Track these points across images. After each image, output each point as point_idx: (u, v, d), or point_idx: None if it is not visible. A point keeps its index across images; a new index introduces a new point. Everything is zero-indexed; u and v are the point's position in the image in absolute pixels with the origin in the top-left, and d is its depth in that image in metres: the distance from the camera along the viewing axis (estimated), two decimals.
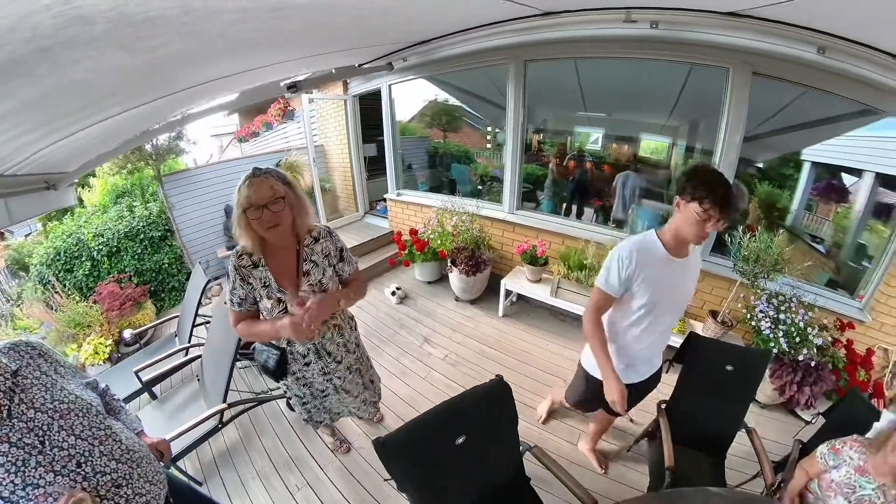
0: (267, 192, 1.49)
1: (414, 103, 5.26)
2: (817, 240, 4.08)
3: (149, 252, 5.00)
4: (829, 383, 3.07)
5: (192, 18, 1.34)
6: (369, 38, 3.01)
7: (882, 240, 3.48)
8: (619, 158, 4.41)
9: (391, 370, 3.36)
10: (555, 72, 3.75)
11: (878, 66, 2.59)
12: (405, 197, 5.20)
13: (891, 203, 3.44)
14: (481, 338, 3.84)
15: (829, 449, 1.72)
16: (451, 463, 1.57)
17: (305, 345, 1.82)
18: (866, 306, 3.48)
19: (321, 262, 1.73)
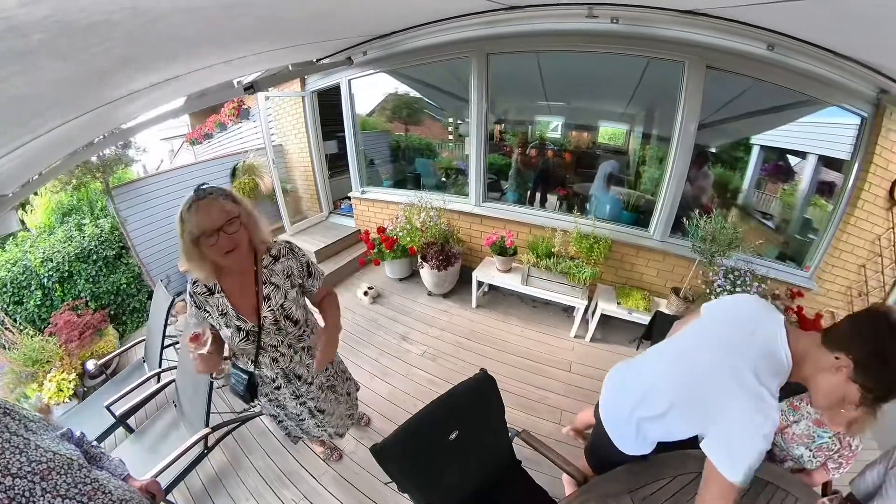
0: (219, 215, 1.35)
1: (374, 97, 5.14)
2: (767, 216, 4.35)
3: (104, 273, 4.61)
4: None
5: (140, 22, 1.26)
6: (327, 32, 2.93)
7: (825, 213, 3.77)
8: (578, 146, 4.51)
9: (372, 371, 3.35)
10: (516, 63, 3.77)
11: (821, 62, 2.84)
12: (370, 195, 5.11)
13: (832, 181, 3.73)
14: (458, 330, 3.88)
15: (788, 405, 1.92)
16: (447, 458, 1.63)
17: (273, 369, 1.73)
18: (813, 275, 3.79)
19: (283, 284, 1.62)
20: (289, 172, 6.21)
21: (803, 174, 4.07)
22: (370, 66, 4.19)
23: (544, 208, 4.50)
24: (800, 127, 3.82)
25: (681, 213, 3.71)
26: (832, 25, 2.22)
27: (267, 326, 1.59)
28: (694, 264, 3.50)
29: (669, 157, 3.56)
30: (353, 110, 4.72)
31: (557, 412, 2.98)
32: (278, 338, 1.66)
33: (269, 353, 1.67)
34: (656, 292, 3.87)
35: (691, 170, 3.79)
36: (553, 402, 3.07)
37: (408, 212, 4.23)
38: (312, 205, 6.21)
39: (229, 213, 1.38)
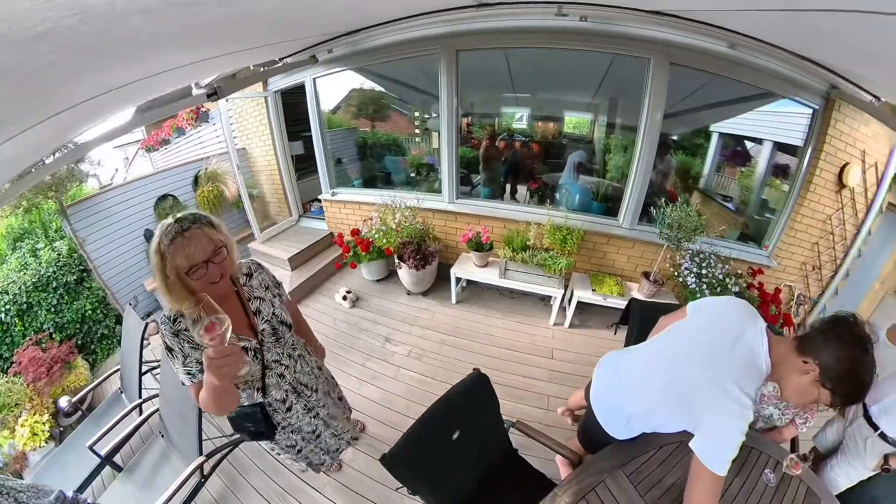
0: (207, 244, 1.27)
1: (338, 93, 5.03)
2: (727, 199, 4.63)
3: (66, 301, 4.26)
4: None
5: (93, 27, 1.17)
6: (292, 29, 2.84)
7: (782, 194, 4.06)
8: (545, 136, 4.59)
9: (360, 377, 3.33)
10: (485, 58, 3.79)
11: (778, 60, 3.06)
12: (341, 195, 5.03)
13: (787, 164, 4.03)
14: (440, 327, 3.91)
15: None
16: (451, 457, 1.72)
17: (282, 388, 1.69)
18: (771, 254, 4.06)
19: (266, 296, 1.61)
20: (254, 177, 6.03)
21: (760, 158, 4.35)
22: (336, 64, 4.12)
23: (516, 201, 4.58)
24: (756, 116, 4.08)
25: (648, 200, 3.87)
26: (790, 29, 2.34)
27: (266, 339, 1.57)
28: (662, 249, 3.68)
29: (636, 147, 3.70)
30: (319, 109, 4.63)
31: (545, 398, 3.12)
32: (278, 350, 1.63)
33: (275, 370, 1.63)
34: (628, 277, 4.05)
35: (655, 158, 3.93)
36: (539, 389, 3.20)
37: (382, 212, 4.20)
38: (281, 209, 6.05)
39: (217, 241, 1.31)
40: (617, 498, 1.67)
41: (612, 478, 1.72)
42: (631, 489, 1.71)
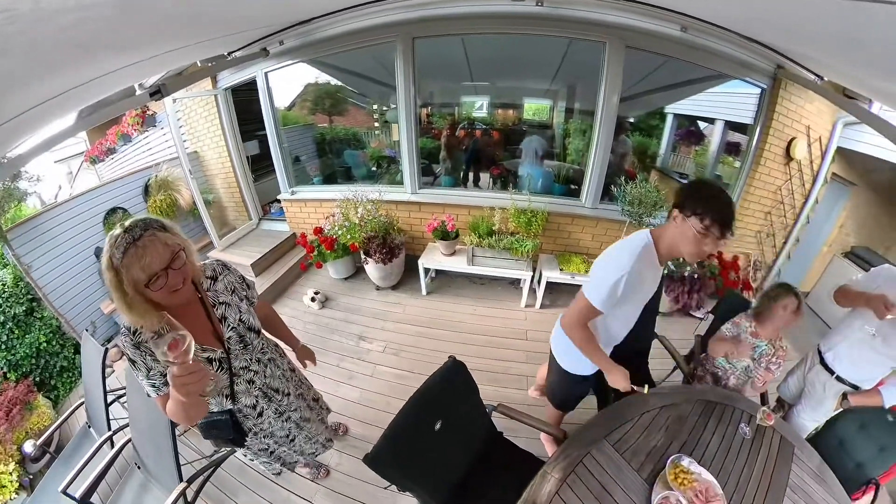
0: (164, 251, 1.16)
1: (293, 88, 4.82)
2: (683, 175, 4.82)
3: (17, 336, 3.84)
4: (709, 287, 3.85)
5: (18, 27, 1.04)
6: (240, 21, 2.71)
7: (733, 170, 4.33)
8: (505, 123, 4.60)
9: (337, 378, 3.23)
10: (442, 46, 3.75)
11: (728, 42, 3.21)
12: (301, 194, 4.87)
13: (738, 142, 4.30)
14: (413, 320, 3.86)
15: (731, 324, 2.38)
16: (436, 448, 1.69)
17: (252, 394, 1.60)
18: None
19: (232, 301, 1.51)
20: (209, 181, 5.73)
21: (713, 137, 4.61)
22: (288, 57, 3.97)
23: (479, 188, 4.57)
24: (708, 97, 4.30)
25: (608, 180, 3.96)
26: (739, 13, 2.43)
27: (234, 347, 1.48)
28: (625, 226, 3.80)
29: (595, 129, 3.77)
30: (273, 105, 4.45)
31: (523, 379, 3.17)
32: (246, 356, 1.55)
33: (244, 377, 1.55)
34: (594, 255, 4.03)
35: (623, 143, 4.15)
36: (517, 371, 3.25)
37: (344, 208, 4.09)
38: (240, 214, 5.80)
39: (173, 246, 1.20)
40: (605, 467, 1.70)
41: (598, 448, 1.75)
42: (617, 456, 1.75)
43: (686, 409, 2.05)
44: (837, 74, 2.73)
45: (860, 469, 2.19)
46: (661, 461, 1.77)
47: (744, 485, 1.78)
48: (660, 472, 1.72)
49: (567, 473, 1.63)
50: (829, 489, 1.87)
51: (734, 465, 1.85)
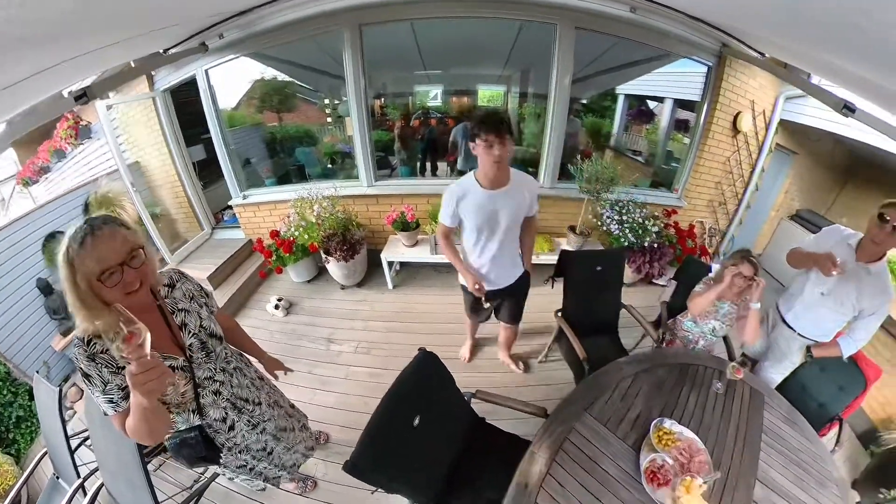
0: (122, 246, 1.11)
1: (238, 87, 4.56)
2: (637, 153, 5.04)
3: None
4: (669, 255, 4.01)
5: None
6: (173, 13, 2.52)
7: (683, 146, 4.58)
8: (461, 111, 4.57)
9: (311, 386, 3.10)
10: (391, 34, 3.67)
11: (675, 22, 3.31)
12: (254, 198, 4.65)
13: (686, 119, 4.55)
14: (381, 316, 3.78)
15: (703, 285, 2.42)
16: (418, 444, 1.63)
17: (220, 406, 1.49)
18: (681, 196, 4.52)
19: (191, 307, 1.43)
20: (154, 193, 5.38)
21: (663, 115, 4.83)
22: (229, 51, 3.75)
23: (437, 176, 4.52)
24: (658, 76, 4.48)
25: (564, 161, 4.04)
26: None
27: (196, 355, 1.38)
28: (584, 203, 3.91)
29: (548, 111, 3.83)
30: (216, 105, 4.21)
31: (498, 362, 3.19)
32: (210, 365, 1.45)
33: (209, 388, 1.44)
34: (556, 233, 4.24)
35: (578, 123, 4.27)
36: (491, 354, 3.27)
37: (298, 207, 3.94)
38: (190, 225, 5.48)
39: (133, 242, 1.14)
40: (590, 439, 1.71)
41: (581, 422, 1.77)
42: (600, 427, 1.77)
43: (661, 374, 2.11)
44: (779, 50, 2.85)
45: (823, 408, 2.40)
46: (645, 426, 1.80)
47: (723, 437, 1.85)
48: (644, 438, 1.75)
49: (555, 451, 1.63)
50: (800, 430, 2.01)
51: (712, 419, 1.92)
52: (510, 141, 1.85)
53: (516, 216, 2.16)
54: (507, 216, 2.11)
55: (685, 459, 1.67)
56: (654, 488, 1.56)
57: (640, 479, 1.59)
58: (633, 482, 1.59)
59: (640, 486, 1.58)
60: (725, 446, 1.81)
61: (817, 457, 1.90)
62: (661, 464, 1.63)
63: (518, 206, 2.13)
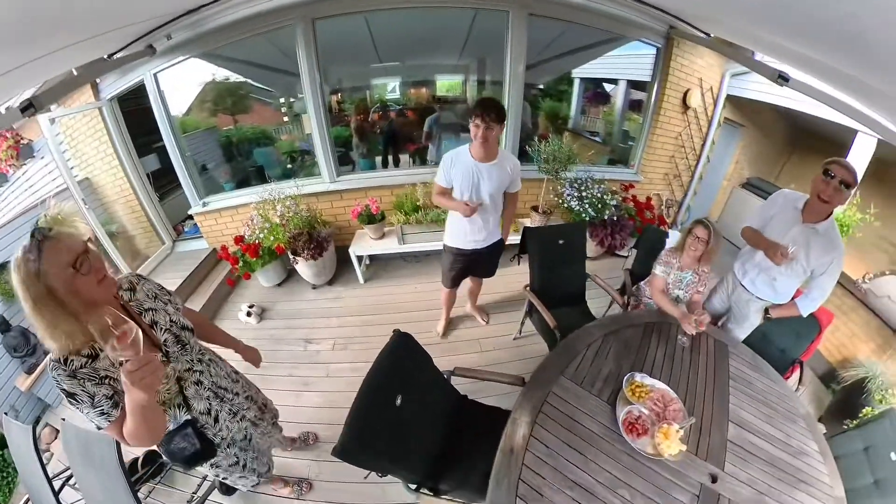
0: (76, 240, 1.10)
1: (189, 90, 4.38)
2: (595, 134, 5.19)
3: None
4: (629, 227, 4.21)
5: None
6: (117, 15, 2.41)
7: (637, 125, 4.80)
8: (419, 102, 4.58)
9: (294, 388, 3.06)
10: (345, 27, 3.62)
11: (624, 6, 3.46)
12: (214, 204, 4.50)
13: (639, 99, 4.78)
14: (356, 311, 3.77)
15: (664, 266, 2.53)
16: (403, 424, 1.64)
17: (203, 396, 1.48)
18: (638, 171, 4.77)
19: (157, 305, 1.41)
20: (108, 210, 5.12)
21: (617, 96, 5.01)
22: (179, 53, 3.60)
23: (399, 167, 4.52)
24: (610, 59, 4.64)
25: (522, 144, 4.17)
26: None
27: (172, 349, 1.37)
28: (544, 183, 4.01)
29: (504, 98, 3.89)
30: (168, 111, 4.05)
31: (476, 342, 3.32)
32: (187, 357, 1.44)
33: (190, 379, 1.44)
34: (519, 214, 4.27)
35: (534, 107, 4.39)
36: (468, 335, 3.40)
37: (261, 209, 3.85)
38: (150, 240, 5.25)
39: (81, 233, 1.14)
40: (567, 399, 1.77)
41: (558, 385, 1.82)
42: (576, 388, 1.83)
43: (628, 334, 2.20)
44: (723, 29, 2.98)
45: (784, 354, 2.60)
46: (618, 382, 1.87)
47: (693, 386, 1.95)
48: (618, 392, 1.82)
49: (535, 414, 1.67)
50: (765, 373, 2.14)
51: (681, 371, 2.02)
52: (495, 124, 2.14)
53: (498, 188, 2.46)
54: (489, 186, 2.40)
55: (660, 409, 1.75)
56: (634, 438, 1.63)
57: (620, 431, 1.65)
58: (613, 435, 1.66)
59: (621, 437, 1.64)
60: (697, 394, 1.90)
61: (783, 396, 2.03)
62: (638, 415, 1.70)
63: (500, 178, 2.42)
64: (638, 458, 1.57)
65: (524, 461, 1.51)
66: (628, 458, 1.57)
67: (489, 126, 2.13)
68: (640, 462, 1.57)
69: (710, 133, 5.05)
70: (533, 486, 1.44)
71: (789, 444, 1.77)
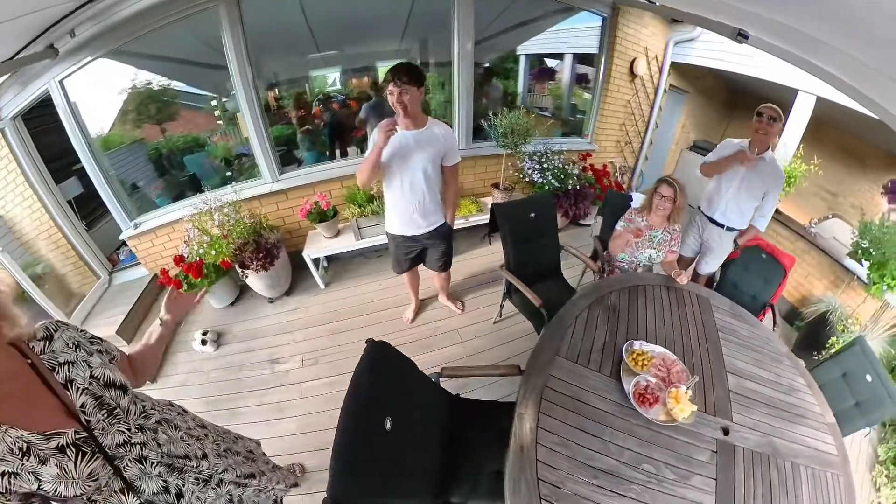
0: None
1: (109, 101, 3.86)
2: (544, 109, 5.21)
3: None
4: (591, 196, 4.29)
5: None
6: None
7: (585, 100, 4.96)
8: (362, 91, 4.34)
9: (267, 417, 2.79)
10: (277, 14, 3.34)
11: None
12: (147, 224, 4.03)
13: (585, 73, 4.94)
14: (321, 320, 3.51)
15: (625, 222, 2.61)
16: (397, 446, 1.41)
17: (152, 475, 1.16)
18: (592, 140, 4.89)
19: (77, 357, 1.09)
20: (29, 249, 4.55)
21: (564, 71, 5.09)
22: (86, 52, 3.10)
23: (347, 157, 4.28)
24: (556, 34, 4.68)
25: (477, 122, 4.08)
26: None
27: (95, 418, 1.04)
28: (503, 158, 3.96)
29: (454, 77, 3.79)
30: (82, 124, 3.56)
31: (455, 333, 3.18)
32: (121, 427, 1.10)
33: (129, 456, 1.11)
34: (481, 194, 4.31)
35: (484, 85, 4.31)
36: (445, 327, 3.25)
37: (197, 221, 3.46)
38: (84, 276, 4.68)
39: None
40: (569, 381, 1.68)
41: (556, 366, 1.74)
42: (574, 366, 1.75)
43: (613, 299, 2.17)
44: None
45: (756, 299, 2.82)
46: (615, 353, 1.82)
47: (688, 343, 1.95)
48: (619, 364, 1.75)
49: (539, 404, 1.56)
50: (745, 320, 2.24)
51: (673, 331, 2.01)
52: (410, 87, 2.02)
53: (433, 157, 2.28)
54: (421, 156, 2.24)
55: (664, 373, 1.71)
56: (647, 409, 1.57)
57: (631, 405, 1.58)
58: (625, 410, 1.59)
59: (632, 410, 1.57)
60: (693, 351, 1.90)
61: (765, 339, 2.13)
62: (646, 384, 1.65)
63: (433, 146, 2.25)
64: (653, 429, 1.52)
65: (538, 457, 1.38)
66: (644, 431, 1.51)
67: (404, 90, 2.00)
68: (657, 431, 1.51)
69: (657, 100, 5.27)
70: (554, 484, 1.32)
71: (781, 384, 1.88)
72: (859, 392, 2.01)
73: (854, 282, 3.66)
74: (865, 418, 1.99)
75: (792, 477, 1.51)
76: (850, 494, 1.52)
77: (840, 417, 1.84)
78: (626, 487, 1.35)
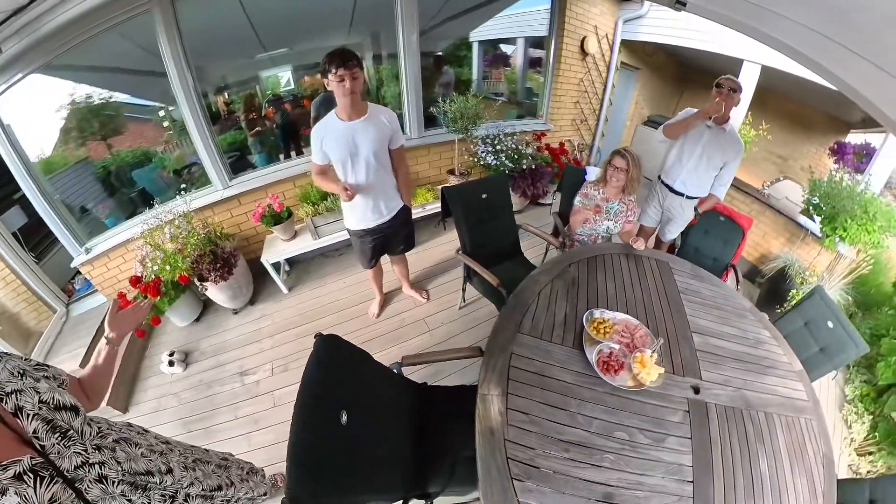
0: None
1: (47, 120, 3.60)
2: (499, 94, 5.27)
3: None
4: (548, 174, 4.31)
5: None
6: None
7: (540, 83, 4.98)
8: (316, 89, 4.21)
9: (242, 430, 2.71)
10: (217, 14, 3.23)
11: None
12: (99, 247, 3.79)
13: (538, 56, 4.96)
14: (286, 325, 3.44)
15: (582, 197, 2.65)
16: (360, 441, 1.34)
17: (115, 495, 1.11)
18: (547, 120, 4.94)
19: (24, 385, 1.05)
20: None
21: (517, 55, 5.14)
22: (15, 68, 2.90)
23: (302, 155, 4.15)
24: (506, 19, 4.73)
25: (428, 111, 4.06)
26: None
27: (49, 442, 1.00)
28: (456, 144, 3.96)
29: (401, 68, 3.76)
30: (19, 148, 3.30)
31: (421, 323, 3.18)
32: (76, 449, 1.06)
33: (89, 477, 1.06)
34: (437, 181, 4.29)
35: (436, 74, 4.32)
36: (411, 317, 3.25)
37: (149, 238, 3.31)
38: (39, 312, 4.39)
39: None
40: (532, 357, 1.66)
41: (517, 344, 1.70)
42: (537, 342, 1.73)
43: (572, 272, 2.16)
44: None
45: (717, 261, 2.95)
46: (577, 324, 1.80)
47: (650, 308, 1.96)
48: (582, 334, 1.74)
49: (504, 384, 1.53)
50: (707, 280, 2.28)
51: (634, 297, 2.02)
52: (360, 73, 1.96)
53: (378, 144, 2.24)
54: (367, 144, 2.19)
55: (627, 339, 1.71)
56: (613, 376, 1.56)
57: (596, 374, 1.57)
58: (590, 379, 1.58)
59: (598, 379, 1.56)
60: (656, 315, 1.91)
61: (728, 297, 2.17)
62: (609, 351, 1.64)
63: (379, 132, 2.21)
64: (622, 395, 1.52)
65: (507, 437, 1.36)
66: (613, 398, 1.51)
67: (355, 75, 1.94)
68: (626, 397, 1.51)
69: (609, 77, 5.35)
70: (525, 462, 1.30)
71: (746, 338, 1.92)
72: (822, 338, 2.09)
73: (808, 237, 3.82)
74: (831, 362, 2.06)
75: (767, 427, 1.54)
76: (825, 435, 1.56)
77: (807, 364, 1.90)
78: (599, 457, 1.34)
